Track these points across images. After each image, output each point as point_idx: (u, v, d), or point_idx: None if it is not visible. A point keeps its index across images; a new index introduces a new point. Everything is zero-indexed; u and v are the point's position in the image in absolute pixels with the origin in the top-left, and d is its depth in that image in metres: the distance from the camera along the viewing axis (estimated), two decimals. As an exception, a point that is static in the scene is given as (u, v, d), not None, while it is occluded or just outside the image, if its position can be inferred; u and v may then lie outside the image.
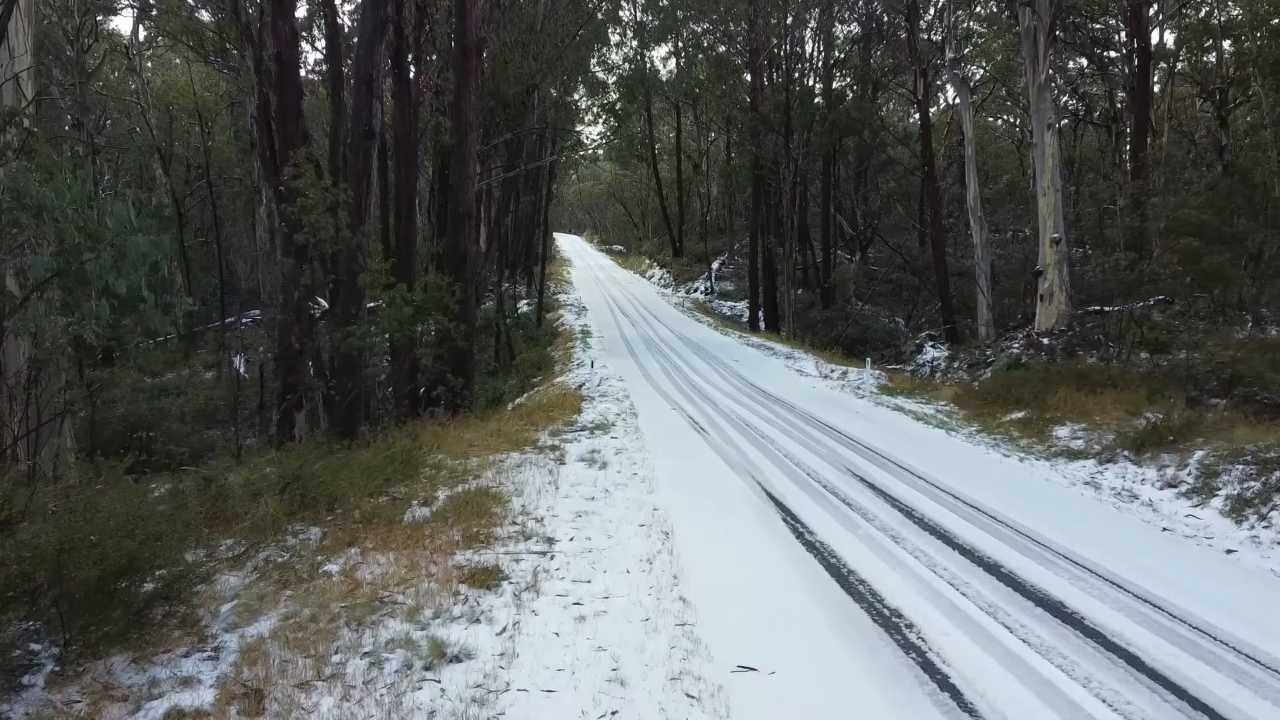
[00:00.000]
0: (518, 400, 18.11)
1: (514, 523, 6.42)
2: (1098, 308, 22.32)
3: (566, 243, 75.44)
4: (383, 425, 11.43)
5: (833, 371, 18.46)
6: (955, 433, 11.53)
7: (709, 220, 52.20)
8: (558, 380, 18.21)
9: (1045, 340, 21.28)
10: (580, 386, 16.52)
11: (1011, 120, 44.19)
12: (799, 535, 6.43)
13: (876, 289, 35.63)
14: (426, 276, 12.40)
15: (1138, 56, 26.56)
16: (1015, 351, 21.51)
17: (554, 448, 9.50)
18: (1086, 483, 8.80)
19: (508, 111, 23.68)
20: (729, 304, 38.95)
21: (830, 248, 36.07)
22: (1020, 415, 12.17)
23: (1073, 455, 10.03)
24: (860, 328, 30.44)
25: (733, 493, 7.75)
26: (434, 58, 23.67)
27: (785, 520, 6.86)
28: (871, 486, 8.17)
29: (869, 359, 16.30)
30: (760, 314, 33.02)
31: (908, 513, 7.22)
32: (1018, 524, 6.85)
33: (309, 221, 9.50)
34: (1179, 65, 31.95)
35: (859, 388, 15.97)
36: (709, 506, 7.25)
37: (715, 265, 43.98)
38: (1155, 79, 29.40)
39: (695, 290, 42.61)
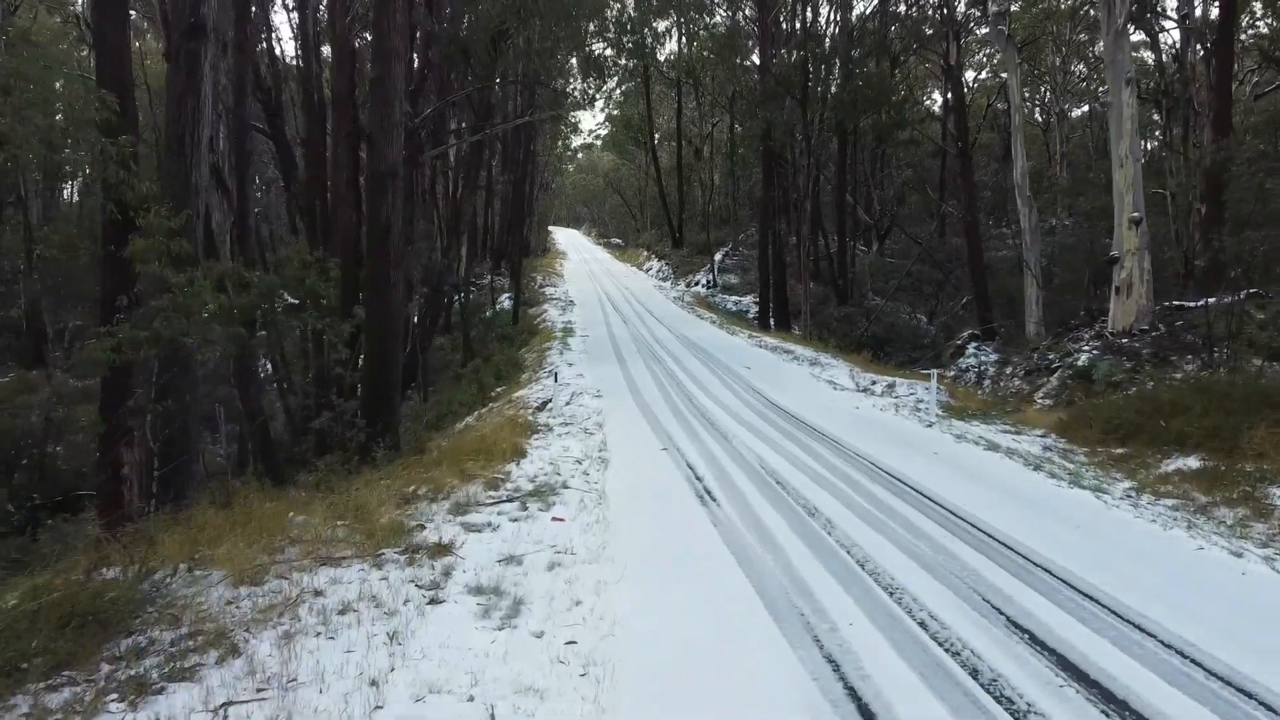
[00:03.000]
0: (467, 420, 13.89)
1: None
2: (1176, 303, 18.80)
3: (563, 236, 71.49)
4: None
5: (874, 384, 14.23)
6: (1107, 497, 7.29)
7: (711, 209, 47.91)
8: (517, 395, 13.97)
9: (1124, 341, 17.26)
10: (543, 406, 12.30)
11: (1032, 101, 40.17)
12: None
13: (899, 283, 31.38)
14: (285, 250, 8.17)
15: (1220, 8, 22.51)
16: (1092, 355, 17.47)
17: (442, 549, 5.21)
18: None
19: (470, 61, 19.39)
20: (734, 298, 34.88)
21: (846, 237, 31.72)
22: (1194, 465, 7.95)
23: (1341, 549, 5.83)
24: (884, 326, 26.30)
25: (786, 706, 3.48)
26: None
27: None
28: (1064, 662, 3.94)
29: (934, 372, 12.02)
30: (771, 310, 28.74)
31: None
32: None
33: None
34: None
35: (919, 408, 11.71)
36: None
37: (718, 257, 39.95)
38: (1200, 52, 25.18)
39: (696, 283, 38.48)
